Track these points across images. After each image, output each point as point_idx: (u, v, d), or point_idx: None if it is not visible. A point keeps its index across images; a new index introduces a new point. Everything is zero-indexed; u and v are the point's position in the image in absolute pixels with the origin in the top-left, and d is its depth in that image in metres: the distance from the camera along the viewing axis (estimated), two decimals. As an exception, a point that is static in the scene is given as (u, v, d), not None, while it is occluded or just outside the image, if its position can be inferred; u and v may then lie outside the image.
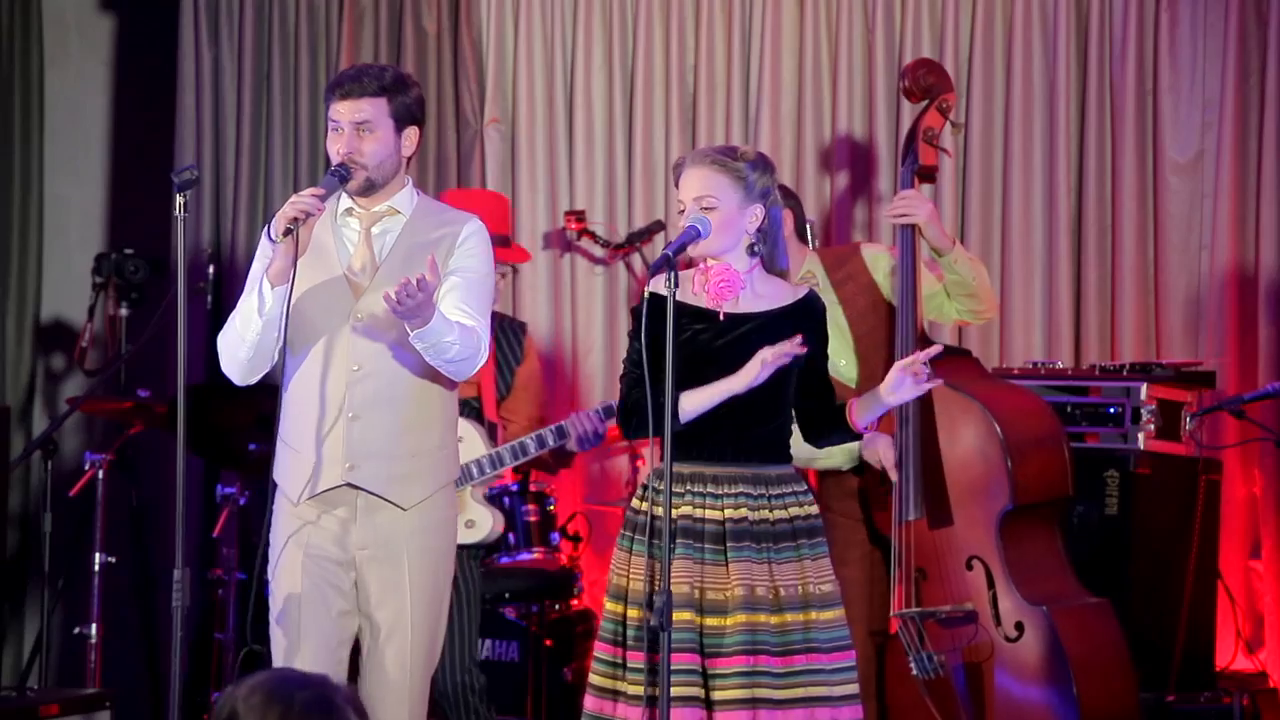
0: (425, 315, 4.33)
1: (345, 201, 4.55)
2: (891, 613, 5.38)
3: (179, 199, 4.33)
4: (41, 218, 7.81)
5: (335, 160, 4.49)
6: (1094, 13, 6.69)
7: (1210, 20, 6.60)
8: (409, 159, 4.59)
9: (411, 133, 4.55)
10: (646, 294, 4.37)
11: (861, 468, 5.51)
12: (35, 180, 7.78)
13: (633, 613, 4.49)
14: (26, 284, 7.75)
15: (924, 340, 5.40)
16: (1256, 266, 6.52)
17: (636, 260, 6.98)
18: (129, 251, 7.37)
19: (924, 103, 5.64)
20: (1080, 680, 5.27)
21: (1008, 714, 5.34)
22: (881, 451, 5.40)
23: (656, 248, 6.88)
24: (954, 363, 5.45)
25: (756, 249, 4.53)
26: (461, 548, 5.73)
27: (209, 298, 7.34)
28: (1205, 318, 6.57)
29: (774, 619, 4.42)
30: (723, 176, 4.50)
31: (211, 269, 7.35)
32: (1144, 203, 6.65)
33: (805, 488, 4.55)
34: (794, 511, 4.50)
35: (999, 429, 5.36)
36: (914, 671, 5.35)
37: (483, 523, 5.86)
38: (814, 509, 4.54)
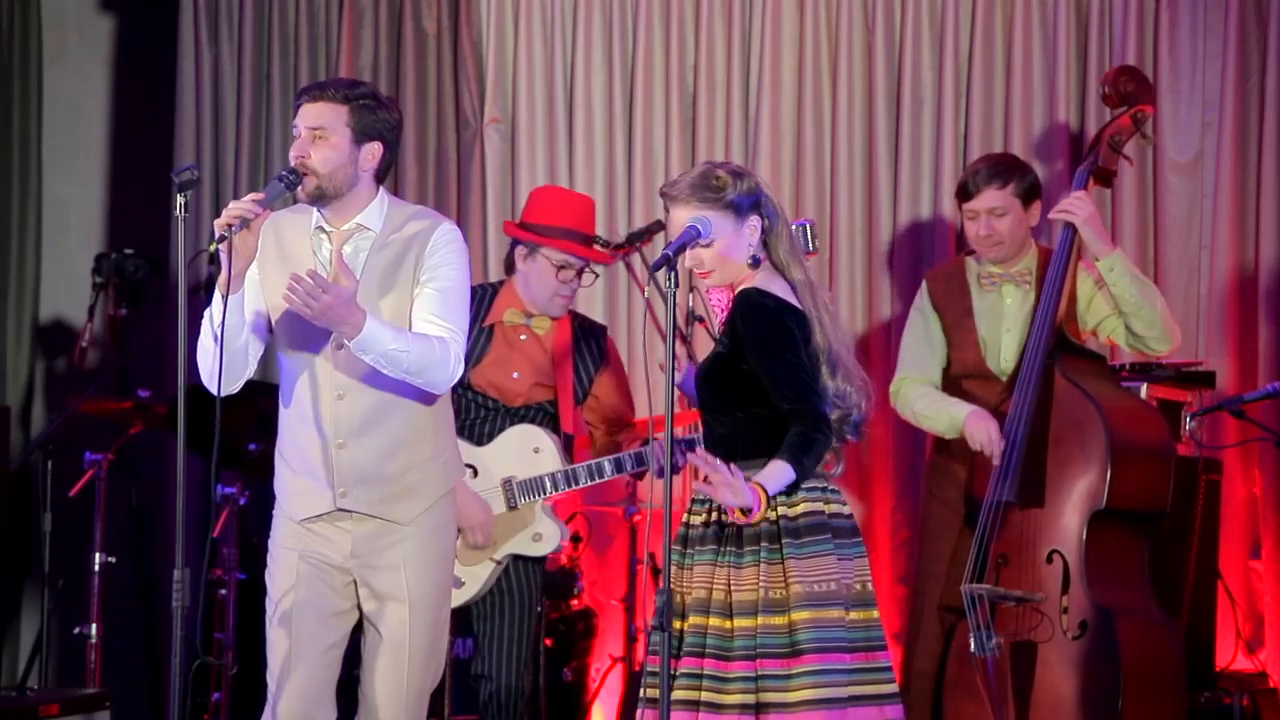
0: (353, 321, 4.25)
1: (315, 219, 4.48)
2: (963, 585, 5.43)
3: (179, 199, 4.32)
4: (41, 218, 7.81)
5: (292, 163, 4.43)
6: (1094, 13, 6.69)
7: (1210, 20, 6.60)
8: (377, 175, 4.49)
9: (374, 148, 4.45)
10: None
11: (963, 443, 5.58)
12: (35, 180, 7.78)
13: (712, 621, 4.45)
14: (26, 284, 7.75)
15: (1059, 337, 5.55)
16: (1256, 266, 6.51)
17: (636, 260, 6.98)
18: (129, 251, 7.37)
19: (1121, 109, 5.75)
20: (1129, 691, 5.29)
21: (1050, 709, 5.37)
22: (991, 434, 5.49)
23: (656, 248, 6.87)
24: (1082, 363, 5.59)
25: (756, 257, 4.49)
26: (527, 560, 5.69)
27: (209, 298, 7.33)
28: (1205, 318, 6.57)
29: (727, 623, 4.39)
30: (709, 211, 4.43)
31: (212, 269, 7.35)
32: (1144, 203, 6.65)
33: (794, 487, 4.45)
34: (764, 514, 4.36)
35: (1108, 431, 5.41)
36: (971, 648, 5.39)
37: (550, 537, 5.73)
38: (801, 507, 4.41)
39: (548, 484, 5.66)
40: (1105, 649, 5.31)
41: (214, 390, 4.38)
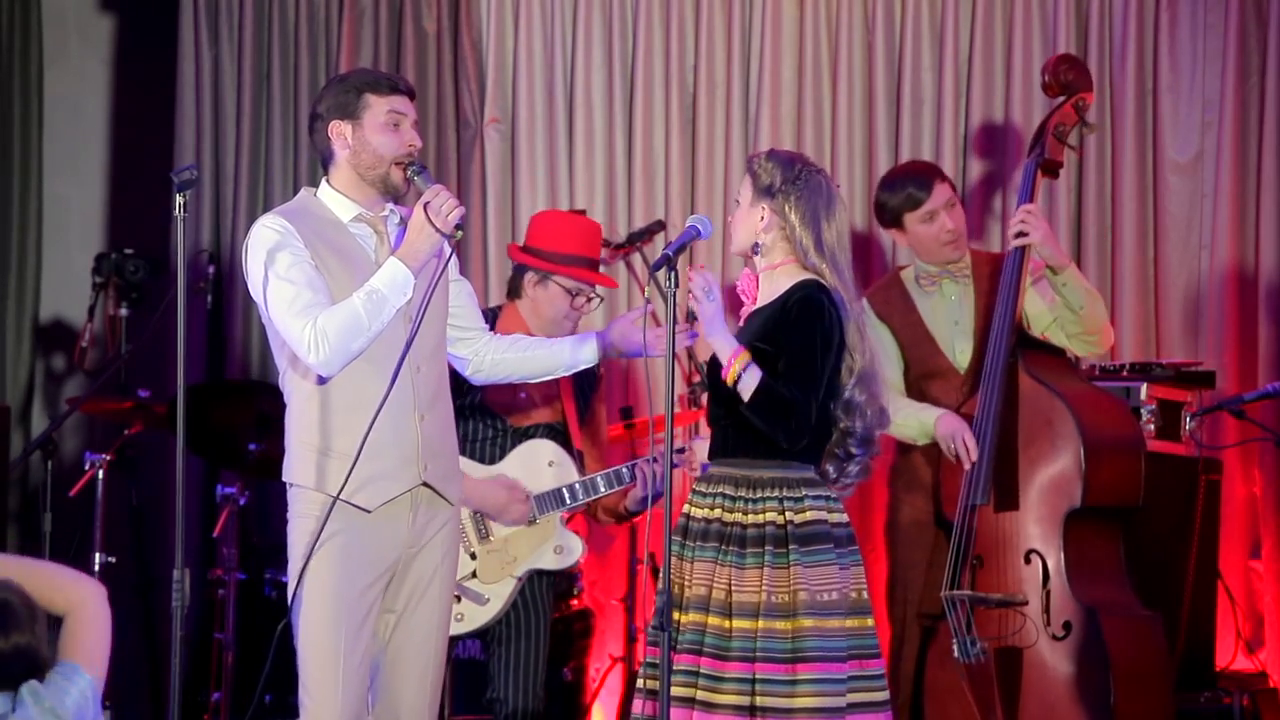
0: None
1: (353, 208, 4.49)
2: (942, 592, 5.40)
3: (179, 199, 4.32)
4: (41, 218, 7.81)
5: (403, 151, 4.46)
6: (1094, 13, 6.69)
7: (1210, 20, 6.60)
8: None
9: None
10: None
11: (935, 449, 5.54)
12: (35, 180, 7.78)
13: (711, 620, 4.45)
14: (26, 284, 7.75)
15: (1019, 334, 5.53)
16: (1256, 266, 6.52)
17: (637, 260, 6.98)
18: (129, 251, 7.37)
19: (1060, 98, 5.68)
20: (1119, 689, 5.27)
21: (1039, 710, 5.34)
22: (963, 436, 5.44)
23: (657, 248, 6.87)
24: (1045, 359, 5.54)
25: (757, 244, 4.55)
26: (545, 574, 5.69)
27: (209, 298, 7.33)
28: (1205, 318, 6.58)
29: (725, 623, 4.41)
30: (746, 176, 4.61)
31: (211, 269, 7.35)
32: (1144, 203, 6.65)
33: (803, 494, 4.48)
34: (770, 517, 4.44)
35: (1080, 429, 5.38)
36: (955, 654, 5.36)
37: (572, 548, 5.70)
38: (809, 515, 4.46)
39: (566, 496, 5.63)
40: (1092, 648, 5.29)
41: (335, 368, 4.35)
